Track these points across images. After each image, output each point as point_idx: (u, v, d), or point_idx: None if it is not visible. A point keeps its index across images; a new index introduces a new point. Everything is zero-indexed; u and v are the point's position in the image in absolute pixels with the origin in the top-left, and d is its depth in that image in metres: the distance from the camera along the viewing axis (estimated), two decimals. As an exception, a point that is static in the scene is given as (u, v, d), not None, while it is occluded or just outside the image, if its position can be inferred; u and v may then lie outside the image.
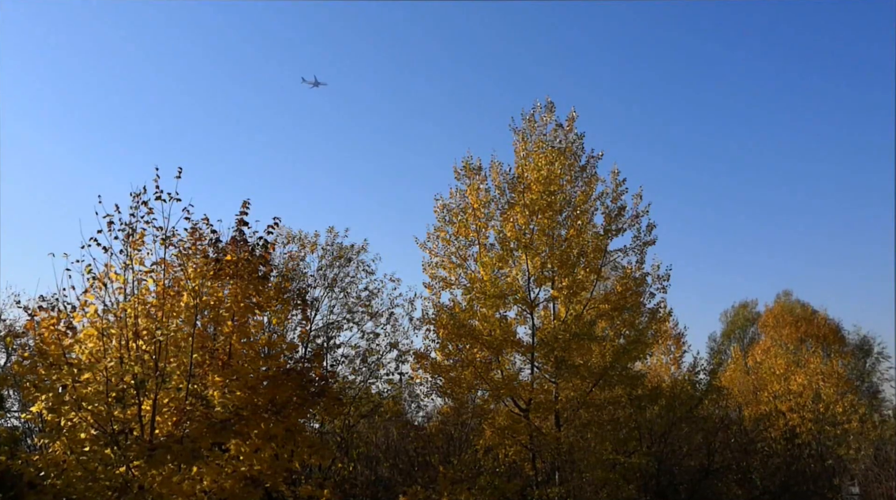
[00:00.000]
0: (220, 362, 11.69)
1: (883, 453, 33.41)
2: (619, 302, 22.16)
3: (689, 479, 25.28)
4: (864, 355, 62.26)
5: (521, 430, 20.87)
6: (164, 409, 11.34)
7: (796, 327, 54.93)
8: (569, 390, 21.61)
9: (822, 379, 39.34)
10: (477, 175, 22.43)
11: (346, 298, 23.42)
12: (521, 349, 21.56)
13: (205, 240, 12.51)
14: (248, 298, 12.32)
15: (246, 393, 11.63)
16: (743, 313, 68.98)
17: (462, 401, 21.94)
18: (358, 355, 22.84)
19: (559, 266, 21.46)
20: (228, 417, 11.30)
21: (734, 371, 45.63)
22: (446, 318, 21.10)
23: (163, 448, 10.36)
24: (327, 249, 23.58)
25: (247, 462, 11.49)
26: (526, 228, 21.64)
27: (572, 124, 22.87)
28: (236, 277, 12.15)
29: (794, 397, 37.22)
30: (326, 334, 23.14)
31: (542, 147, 22.55)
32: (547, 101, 23.04)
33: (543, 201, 21.32)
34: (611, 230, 22.34)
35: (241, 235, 12.79)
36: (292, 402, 12.19)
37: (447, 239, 22.28)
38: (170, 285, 11.98)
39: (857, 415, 37.52)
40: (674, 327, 40.86)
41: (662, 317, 24.63)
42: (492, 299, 21.06)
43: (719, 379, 33.15)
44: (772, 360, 41.54)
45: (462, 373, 21.00)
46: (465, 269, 22.10)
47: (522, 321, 22.01)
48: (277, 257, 22.06)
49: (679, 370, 39.10)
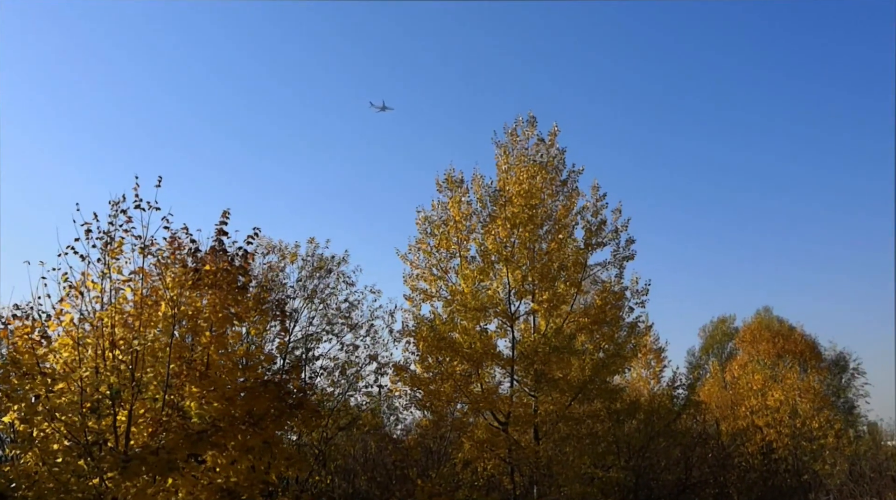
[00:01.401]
0: (198, 372, 11.57)
1: (858, 468, 33.65)
2: (598, 316, 22.25)
3: (667, 493, 25.35)
4: (840, 371, 62.88)
5: (500, 443, 20.83)
6: (139, 420, 11.20)
7: (774, 342, 55.46)
8: (548, 404, 21.61)
9: (798, 395, 39.63)
10: (459, 188, 22.50)
11: (326, 309, 23.28)
12: (501, 362, 21.55)
13: (184, 249, 12.41)
14: (226, 308, 12.21)
15: (223, 404, 11.52)
16: (721, 328, 69.50)
17: (441, 414, 21.88)
18: (337, 367, 22.68)
19: (540, 280, 21.53)
20: (205, 428, 11.17)
21: (712, 386, 45.88)
22: (426, 330, 21.06)
23: (138, 460, 10.21)
24: (307, 259, 23.46)
25: (223, 474, 11.36)
26: (507, 241, 21.70)
27: (554, 139, 23.07)
28: (215, 287, 12.05)
29: (770, 413, 37.44)
30: (305, 346, 22.98)
31: (523, 161, 22.71)
32: (529, 115, 23.26)
33: (525, 215, 21.41)
34: (591, 244, 22.47)
35: (221, 244, 12.69)
36: (270, 414, 12.08)
37: (428, 251, 22.29)
38: (148, 295, 11.86)
39: (833, 431, 37.81)
40: (654, 342, 41.07)
41: (642, 331, 24.79)
42: (472, 312, 21.07)
43: (697, 394, 33.32)
44: (749, 375, 41.81)
45: (441, 386, 20.95)
46: (445, 281, 22.11)
47: (503, 334, 22.01)
48: (257, 267, 21.92)
49: (659, 385, 39.26)
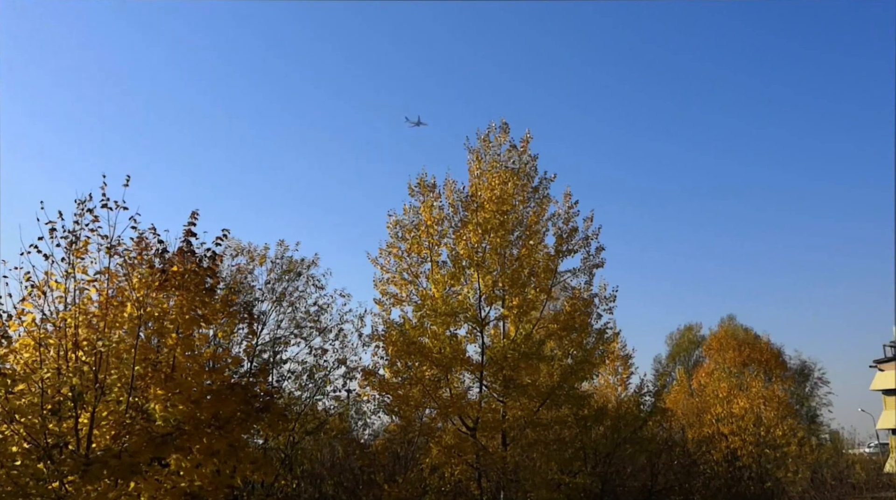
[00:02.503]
0: (163, 374, 11.40)
1: (819, 475, 34.20)
2: (567, 322, 22.36)
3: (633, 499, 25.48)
4: (804, 380, 63.87)
5: (468, 449, 20.82)
6: (102, 422, 10.99)
7: (740, 350, 56.14)
8: (516, 410, 21.65)
9: (763, 403, 40.15)
10: (431, 192, 22.50)
11: (295, 312, 23.09)
12: (471, 368, 21.56)
13: (151, 250, 12.24)
14: (193, 310, 12.06)
15: (189, 407, 11.35)
16: (688, 335, 70.27)
17: (409, 419, 21.82)
18: (305, 371, 22.50)
19: (510, 285, 21.59)
20: (170, 431, 11.00)
21: (678, 393, 46.33)
22: (396, 335, 21.02)
23: (99, 463, 10.02)
24: (276, 262, 23.28)
25: (187, 478, 11.18)
26: (478, 246, 21.73)
27: (526, 146, 23.19)
28: (182, 288, 11.89)
29: (735, 420, 37.87)
30: (273, 349, 22.76)
31: (496, 167, 22.77)
32: (502, 121, 23.36)
33: (496, 221, 21.47)
34: (562, 251, 22.59)
35: (189, 245, 12.52)
36: (236, 417, 11.93)
37: (399, 255, 22.23)
38: (113, 295, 11.66)
39: (796, 439, 38.37)
40: (622, 349, 41.36)
41: (610, 338, 24.93)
42: (442, 317, 21.06)
43: (664, 401, 33.58)
44: (715, 383, 42.26)
45: (410, 391, 20.90)
46: (416, 286, 22.07)
47: (472, 340, 22.04)
48: (225, 269, 21.72)
49: (626, 391, 39.51)
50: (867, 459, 46.36)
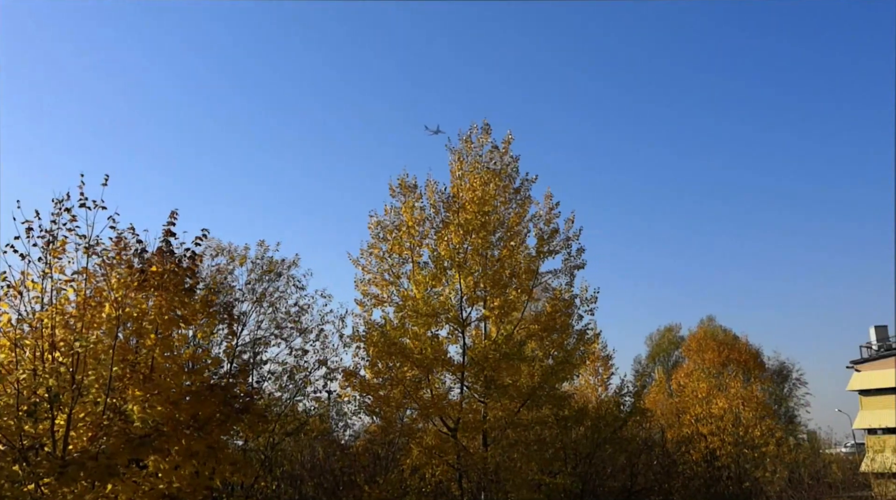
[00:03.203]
0: (142, 375, 11.30)
1: (797, 475, 34.54)
2: (548, 323, 22.42)
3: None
4: (782, 381, 64.47)
5: (449, 449, 20.82)
6: (79, 423, 10.87)
7: (719, 351, 56.59)
8: (497, 410, 21.67)
9: (742, 403, 40.48)
10: (412, 193, 22.48)
11: (275, 313, 22.97)
12: (452, 368, 21.56)
13: (130, 250, 12.13)
14: (172, 310, 11.97)
15: (167, 408, 11.26)
16: (668, 336, 70.70)
17: (390, 420, 21.78)
18: (285, 372, 22.38)
19: (491, 286, 21.61)
20: (148, 432, 10.89)
21: (658, 394, 46.60)
22: (377, 335, 20.96)
23: (76, 465, 9.91)
24: (257, 262, 23.12)
25: (165, 479, 11.09)
26: (460, 247, 21.73)
27: (508, 147, 23.22)
28: (161, 288, 11.79)
29: (714, 421, 38.13)
30: (253, 350, 22.62)
31: (477, 168, 22.78)
32: (484, 123, 23.40)
33: (478, 221, 21.48)
34: (543, 252, 22.64)
35: (168, 245, 12.43)
36: (215, 418, 11.85)
37: (381, 256, 22.20)
38: (91, 295, 11.54)
39: (774, 439, 38.73)
40: (602, 349, 41.58)
41: (591, 339, 25.01)
42: (424, 318, 21.03)
43: (643, 401, 33.75)
44: (694, 383, 42.54)
45: (391, 391, 20.87)
46: (397, 286, 22.03)
47: (454, 340, 22.03)
48: (205, 269, 21.57)
49: (606, 392, 39.71)
50: (844, 459, 46.90)
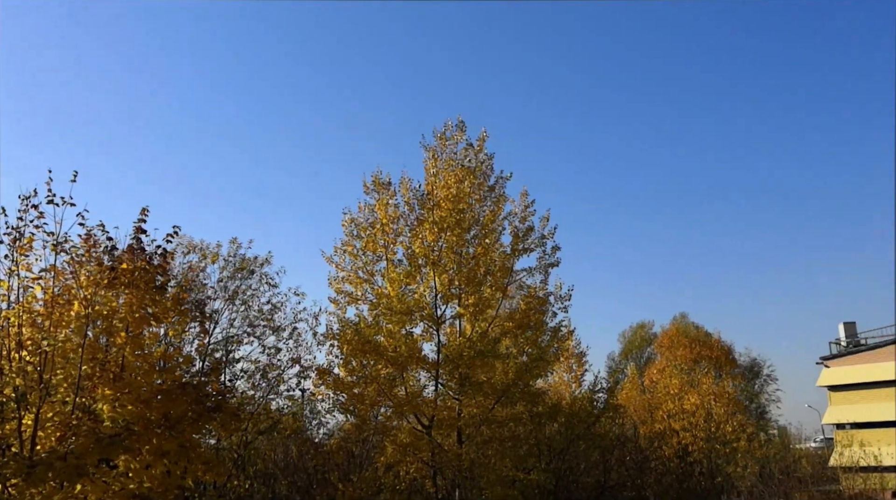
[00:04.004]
0: (112, 374, 11.16)
1: (767, 470, 34.94)
2: (523, 320, 22.48)
3: (586, 496, 25.74)
4: (754, 377, 65.27)
5: (423, 447, 20.80)
6: (47, 423, 10.71)
7: (691, 348, 57.14)
8: (472, 407, 21.70)
9: (713, 399, 40.88)
10: (386, 190, 22.40)
11: (248, 311, 22.81)
12: (426, 366, 21.53)
13: (99, 247, 11.97)
14: (143, 308, 11.84)
15: (138, 407, 11.14)
16: (640, 333, 71.21)
17: (364, 418, 21.71)
18: (258, 370, 22.25)
19: (466, 284, 21.62)
20: (118, 432, 10.77)
21: (631, 390, 46.91)
22: (351, 333, 20.85)
23: (44, 465, 9.76)
24: (229, 260, 22.94)
25: (136, 479, 10.97)
26: (434, 244, 21.71)
27: (483, 144, 23.20)
28: (132, 286, 11.66)
29: (687, 417, 38.47)
30: (226, 348, 22.45)
31: (452, 165, 22.75)
32: (458, 120, 23.34)
33: (452, 219, 21.46)
34: (518, 250, 22.69)
35: (139, 243, 12.30)
36: (187, 417, 11.75)
37: (355, 254, 22.09)
38: (59, 293, 11.38)
39: (746, 434, 39.15)
40: (576, 346, 41.77)
41: (565, 336, 25.12)
42: (398, 316, 20.98)
43: (616, 398, 33.97)
44: (667, 379, 42.88)
45: (365, 389, 20.79)
46: (372, 284, 21.96)
47: (428, 338, 21.99)
48: (177, 267, 21.33)
49: (580, 388, 39.90)
50: (813, 453, 47.58)
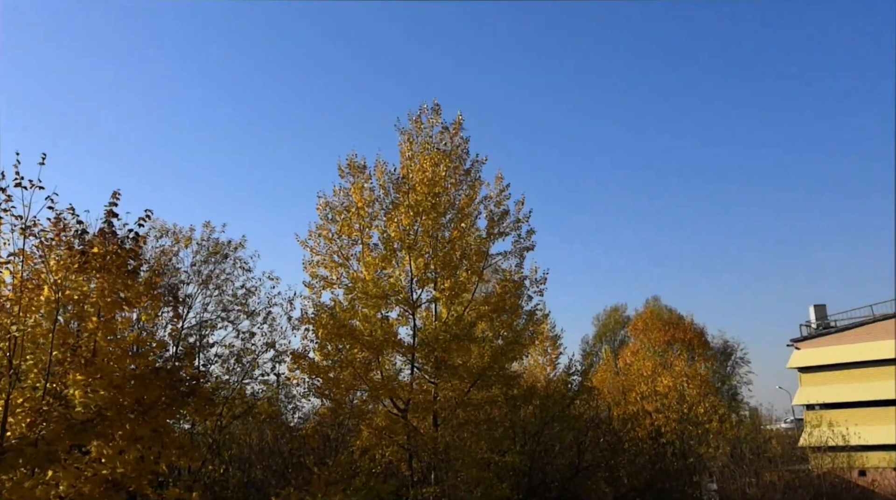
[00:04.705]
0: (83, 359, 11.04)
1: (738, 451, 35.53)
2: (498, 304, 22.55)
3: (560, 477, 26.00)
4: (726, 359, 66.10)
5: (399, 430, 20.86)
6: (17, 409, 10.57)
7: (664, 330, 57.68)
8: (447, 391, 21.78)
9: (686, 381, 41.43)
10: (361, 174, 22.27)
11: (222, 295, 22.66)
12: (402, 350, 21.55)
13: (70, 231, 11.82)
14: (115, 293, 11.73)
15: (111, 392, 11.04)
16: (614, 316, 71.72)
17: (340, 402, 21.70)
18: (232, 355, 22.14)
19: (442, 268, 21.61)
20: (90, 417, 10.67)
21: (605, 372, 47.41)
22: (326, 317, 20.79)
23: (14, 451, 9.65)
24: (203, 244, 22.74)
25: (109, 465, 10.89)
26: (410, 228, 21.66)
27: (458, 128, 23.12)
28: (103, 270, 11.53)
29: (660, 398, 38.97)
30: (199, 333, 22.31)
31: (427, 149, 22.67)
32: (434, 103, 23.23)
33: (428, 203, 21.41)
34: (493, 234, 22.73)
35: (110, 226, 12.17)
36: (161, 402, 11.67)
37: (329, 237, 21.99)
38: (28, 278, 11.23)
39: (717, 415, 39.78)
40: (551, 330, 42.06)
41: (540, 319, 25.26)
42: (374, 300, 20.94)
43: (591, 380, 34.32)
44: (640, 362, 43.38)
45: (341, 374, 20.75)
46: (347, 268, 21.88)
47: (404, 322, 21.99)
48: (149, 251, 21.12)
49: (555, 371, 40.23)
50: (783, 434, 48.47)
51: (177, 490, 12.59)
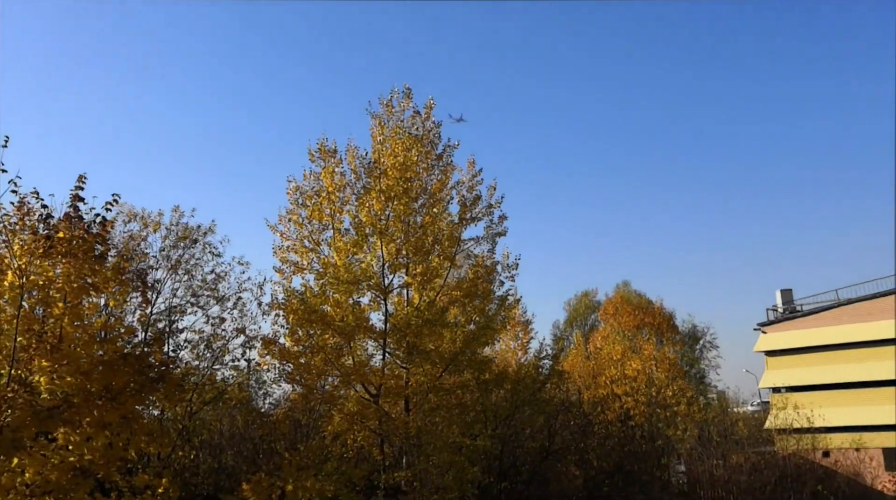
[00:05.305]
0: (49, 345, 10.89)
1: (706, 434, 36.08)
2: (470, 289, 22.58)
3: (531, 460, 26.22)
4: (694, 343, 66.87)
5: (371, 415, 20.85)
6: (-19, 397, 10.42)
7: (634, 315, 58.19)
8: (419, 375, 21.81)
9: (655, 365, 41.93)
10: (332, 158, 22.12)
11: (191, 280, 22.50)
12: (374, 335, 21.51)
13: (34, 215, 11.62)
14: (82, 278, 11.56)
15: (78, 379, 10.91)
16: (585, 301, 72.11)
17: (311, 387, 21.62)
18: (202, 341, 21.98)
19: (414, 253, 21.57)
20: (57, 404, 10.54)
21: (575, 357, 47.72)
22: (297, 303, 20.65)
23: (-22, 439, 9.54)
24: (171, 229, 22.54)
25: (76, 452, 10.78)
26: (381, 213, 21.56)
27: (430, 112, 23.06)
28: (69, 255, 11.35)
29: (629, 382, 39.36)
30: (169, 318, 22.12)
31: (399, 133, 22.54)
32: (405, 87, 23.11)
33: (399, 188, 21.33)
34: (465, 219, 22.71)
35: (77, 211, 11.97)
36: (129, 388, 11.55)
37: (300, 222, 21.84)
38: (-9, 263, 11.03)
39: (685, 399, 40.31)
40: (522, 315, 42.29)
41: (511, 304, 25.37)
42: (345, 285, 20.84)
43: (561, 364, 34.59)
44: (610, 346, 43.73)
45: (312, 359, 20.67)
46: (318, 253, 21.76)
47: (376, 307, 21.92)
48: (117, 236, 20.88)
49: (526, 356, 40.50)
50: (750, 416, 49.23)
51: (146, 477, 12.47)
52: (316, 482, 16.61)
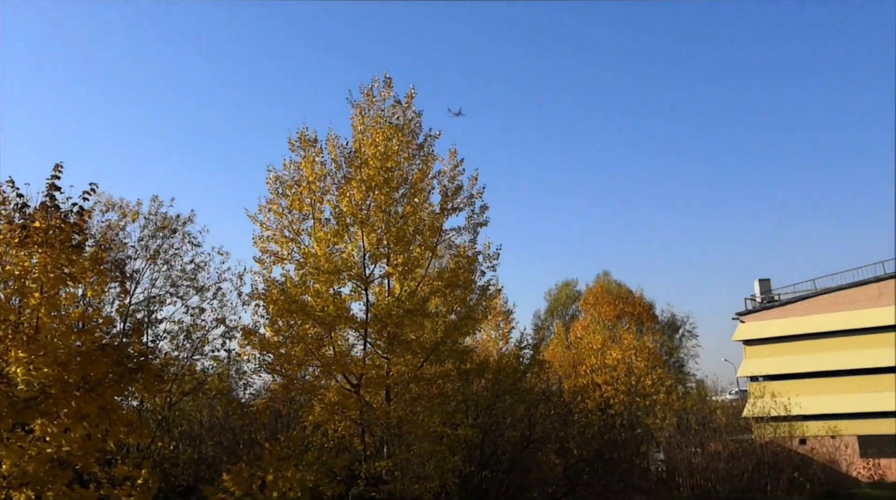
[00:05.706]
0: (26, 336, 10.78)
1: (684, 422, 36.55)
2: (452, 280, 22.58)
3: (512, 449, 26.31)
4: (674, 333, 67.54)
5: (352, 405, 20.85)
6: (-44, 388, 10.32)
7: (614, 305, 58.65)
8: (400, 365, 21.83)
9: (634, 354, 42.30)
10: (312, 147, 22.01)
11: (170, 270, 22.33)
12: (355, 326, 21.47)
13: (9, 204, 11.54)
14: (59, 268, 11.45)
15: (55, 370, 10.81)
16: (565, 291, 72.62)
17: (292, 378, 21.58)
18: (182, 331, 21.86)
19: (395, 243, 21.54)
20: (34, 395, 10.46)
21: (556, 346, 48.10)
22: (277, 293, 20.59)
23: (-46, 431, 9.44)
24: (150, 218, 22.32)
25: (54, 443, 10.70)
26: (362, 203, 21.51)
27: (411, 102, 22.98)
28: (46, 245, 11.24)
29: (609, 371, 39.73)
30: (148, 309, 21.96)
31: (380, 123, 22.46)
32: (385, 76, 23.01)
33: (380, 177, 21.28)
34: (447, 209, 22.70)
35: (53, 200, 11.87)
36: (108, 379, 11.48)
37: (280, 212, 21.74)
38: (-35, 253, 10.90)
39: (664, 388, 40.77)
40: (504, 305, 42.44)
41: (493, 294, 25.40)
42: (326, 275, 20.79)
43: (542, 354, 34.81)
44: (590, 336, 44.09)
45: (293, 349, 20.63)
46: (298, 243, 21.69)
47: (357, 297, 21.88)
48: (95, 225, 20.65)
49: (507, 345, 40.68)
50: (728, 405, 49.86)
51: (125, 468, 12.38)
52: (297, 472, 16.57)
